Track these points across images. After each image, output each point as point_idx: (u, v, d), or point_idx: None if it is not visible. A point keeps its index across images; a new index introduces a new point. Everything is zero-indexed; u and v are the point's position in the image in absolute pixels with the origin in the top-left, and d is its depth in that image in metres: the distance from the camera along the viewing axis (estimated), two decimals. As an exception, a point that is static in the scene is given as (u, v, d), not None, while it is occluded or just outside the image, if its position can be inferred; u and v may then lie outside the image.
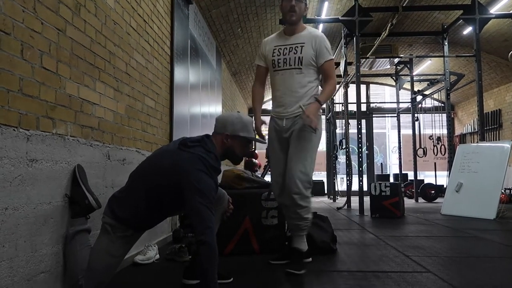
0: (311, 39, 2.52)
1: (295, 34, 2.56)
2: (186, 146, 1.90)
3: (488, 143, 6.15)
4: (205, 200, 1.75)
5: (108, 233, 1.86)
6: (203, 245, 1.71)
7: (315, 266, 2.57)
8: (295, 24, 2.55)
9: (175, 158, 1.86)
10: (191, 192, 1.75)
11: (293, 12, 2.48)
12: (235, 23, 6.83)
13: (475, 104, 6.68)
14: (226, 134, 1.98)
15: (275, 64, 2.54)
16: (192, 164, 1.81)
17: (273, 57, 2.55)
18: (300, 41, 2.52)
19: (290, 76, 2.51)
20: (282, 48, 2.54)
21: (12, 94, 1.53)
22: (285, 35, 2.59)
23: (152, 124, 3.24)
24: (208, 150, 1.90)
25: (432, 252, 2.94)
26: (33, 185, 1.64)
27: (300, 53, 2.49)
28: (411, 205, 7.31)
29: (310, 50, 2.50)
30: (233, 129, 1.98)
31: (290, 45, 2.53)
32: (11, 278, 1.51)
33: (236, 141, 2.00)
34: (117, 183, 2.44)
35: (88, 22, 2.16)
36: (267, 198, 2.99)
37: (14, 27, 1.55)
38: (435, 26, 7.82)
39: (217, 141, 1.98)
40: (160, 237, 3.24)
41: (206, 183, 1.79)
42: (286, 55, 2.52)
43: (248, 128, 2.03)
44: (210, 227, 1.74)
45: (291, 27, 2.56)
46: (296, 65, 2.50)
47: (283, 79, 2.53)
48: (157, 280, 2.28)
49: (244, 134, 2.00)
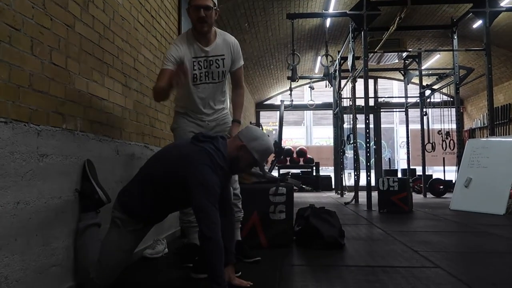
0: (228, 48, 2.41)
1: (211, 44, 2.36)
2: (197, 140, 1.92)
3: (498, 138, 6.09)
4: (209, 195, 1.77)
5: (118, 227, 1.89)
6: (208, 240, 1.73)
7: (323, 261, 2.58)
8: (208, 33, 2.33)
9: (183, 150, 1.90)
10: (195, 185, 1.77)
11: (203, 23, 2.26)
12: (242, 18, 6.81)
13: (485, 98, 6.62)
14: (244, 145, 1.94)
15: (196, 78, 2.35)
16: (199, 157, 1.83)
17: (194, 71, 2.34)
18: (219, 53, 2.39)
19: (212, 88, 2.41)
20: (202, 61, 2.35)
21: (22, 90, 1.54)
22: (200, 44, 2.34)
23: (160, 119, 3.25)
24: (218, 149, 1.90)
25: (441, 247, 2.93)
26: (44, 179, 1.66)
27: (223, 67, 2.40)
28: (419, 200, 7.28)
29: (229, 61, 2.42)
30: (253, 147, 1.94)
31: (210, 57, 2.36)
32: (23, 271, 1.53)
33: (247, 156, 1.95)
34: (126, 177, 2.46)
35: (97, 17, 2.17)
36: (275, 193, 2.99)
37: (24, 23, 1.56)
38: (444, 20, 7.73)
39: (232, 146, 1.96)
40: (168, 231, 3.26)
41: (210, 177, 1.80)
42: (207, 68, 2.37)
43: (264, 155, 1.99)
44: (214, 222, 1.75)
45: (204, 36, 2.33)
46: (219, 79, 2.41)
47: (204, 91, 2.39)
48: (166, 274, 2.30)
49: (257, 158, 1.96)
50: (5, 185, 1.43)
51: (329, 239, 2.91)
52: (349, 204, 6.44)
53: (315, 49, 9.87)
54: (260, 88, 12.00)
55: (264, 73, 10.76)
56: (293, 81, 7.37)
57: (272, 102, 13.57)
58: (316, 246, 2.89)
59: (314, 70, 11.58)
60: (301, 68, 10.75)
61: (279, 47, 9.11)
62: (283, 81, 11.82)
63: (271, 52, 9.30)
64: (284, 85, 12.27)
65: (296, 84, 10.62)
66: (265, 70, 10.56)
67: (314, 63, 11.05)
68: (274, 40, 8.58)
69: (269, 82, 11.78)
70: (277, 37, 8.44)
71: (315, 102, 9.56)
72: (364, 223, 4.31)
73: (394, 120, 14.48)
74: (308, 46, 9.62)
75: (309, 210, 3.14)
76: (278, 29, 7.99)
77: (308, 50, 9.92)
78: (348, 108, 7.98)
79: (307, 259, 2.65)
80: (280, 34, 8.28)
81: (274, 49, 9.12)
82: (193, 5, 2.26)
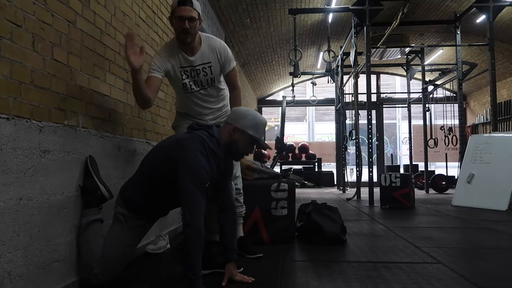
0: (214, 54, 2.35)
1: (196, 53, 2.31)
2: (192, 128, 1.96)
3: (501, 134, 6.06)
4: (195, 180, 1.74)
5: (121, 223, 1.90)
6: (188, 227, 1.70)
7: (325, 256, 2.58)
8: (191, 43, 2.27)
9: (178, 137, 1.96)
10: (183, 169, 1.75)
11: (187, 34, 2.19)
12: (244, 14, 6.79)
13: (488, 94, 6.58)
14: (236, 126, 1.93)
15: (187, 87, 2.34)
16: (190, 142, 1.83)
17: (183, 80, 2.32)
18: (206, 61, 2.33)
19: (205, 92, 2.40)
20: (189, 70, 2.31)
21: (24, 86, 1.54)
22: (185, 53, 2.29)
23: (162, 115, 3.25)
24: (211, 135, 1.90)
25: (443, 243, 2.93)
26: (46, 175, 1.66)
27: (211, 74, 2.36)
28: (421, 196, 7.27)
29: (217, 67, 2.37)
30: (244, 124, 1.93)
31: (196, 66, 2.32)
32: (26, 267, 1.54)
33: (242, 137, 1.93)
34: (128, 174, 2.46)
35: (98, 13, 2.16)
36: (277, 189, 3.00)
37: (25, 19, 1.56)
38: (447, 15, 7.68)
39: (225, 132, 1.96)
40: (170, 227, 3.27)
41: (200, 162, 1.78)
42: (195, 77, 2.33)
43: (258, 128, 1.96)
44: (197, 209, 1.72)
45: (188, 46, 2.27)
46: (209, 84, 2.39)
47: (198, 97, 2.39)
48: (167, 270, 2.31)
49: (252, 133, 1.94)
50: (8, 181, 1.44)
51: (331, 235, 2.91)
52: (351, 200, 6.44)
53: (317, 44, 9.83)
54: (262, 84, 11.97)
55: (266, 69, 10.73)
56: (295, 76, 7.35)
57: (274, 98, 13.54)
58: (318, 242, 2.90)
59: (316, 65, 11.53)
60: (303, 63, 10.72)
61: (281, 43, 9.08)
62: (285, 77, 11.79)
63: (273, 48, 9.27)
64: (286, 81, 12.24)
65: (298, 80, 10.62)
66: (267, 66, 10.53)
67: (316, 58, 11.01)
68: (276, 36, 8.55)
69: (271, 78, 11.75)
70: (279, 33, 8.41)
71: (317, 98, 9.52)
72: (366, 219, 4.31)
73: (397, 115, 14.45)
74: (310, 42, 9.58)
75: (311, 206, 3.14)
76: (280, 24, 7.96)
77: (310, 46, 9.88)
78: (351, 103, 7.96)
79: (309, 254, 2.65)
80: (282, 29, 8.25)
81: (276, 44, 9.09)
82: (177, 16, 2.18)
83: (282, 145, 6.41)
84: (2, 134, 1.41)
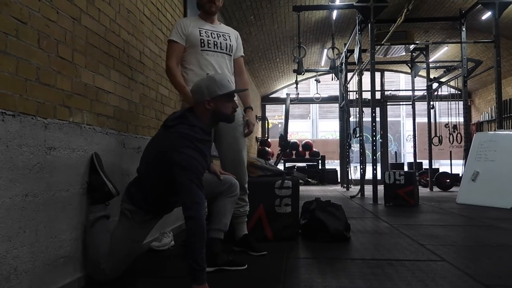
0: (233, 32, 2.61)
1: (216, 23, 2.55)
2: (168, 127, 1.91)
3: (506, 131, 6.02)
4: (192, 176, 1.77)
5: (128, 218, 1.93)
6: (190, 220, 1.74)
7: (329, 254, 2.58)
8: (214, 14, 2.53)
9: (161, 143, 1.90)
10: (179, 170, 1.78)
11: (213, 3, 2.45)
12: (248, 11, 6.78)
13: (493, 91, 6.54)
14: (207, 99, 1.94)
15: (204, 43, 2.44)
16: (177, 145, 1.82)
17: (201, 36, 2.44)
18: (225, 31, 2.57)
19: (222, 59, 2.50)
20: (209, 32, 2.48)
21: (30, 83, 1.55)
22: (206, 21, 2.51)
23: (166, 112, 3.25)
24: (192, 125, 1.89)
25: (447, 241, 2.92)
26: (52, 172, 1.67)
27: (230, 41, 2.54)
28: (425, 194, 7.25)
29: (234, 42, 2.59)
30: (210, 91, 1.94)
31: (217, 31, 2.51)
32: (32, 263, 1.55)
33: (218, 101, 1.96)
34: (132, 171, 2.47)
35: (103, 10, 2.17)
36: (281, 186, 3.00)
37: (31, 16, 1.56)
38: (452, 12, 7.63)
39: (201, 110, 1.95)
40: (174, 224, 3.28)
41: (192, 160, 1.80)
42: (215, 39, 2.48)
43: (223, 84, 1.98)
44: (197, 202, 1.76)
45: (210, 16, 2.52)
46: (227, 51, 2.53)
47: (215, 60, 2.47)
48: (172, 266, 2.32)
49: (223, 91, 1.96)
50: (14, 178, 1.45)
51: (335, 232, 2.91)
52: (354, 198, 6.43)
53: (321, 41, 9.80)
54: (266, 81, 11.96)
55: (270, 66, 10.71)
56: (299, 74, 7.34)
57: (278, 95, 13.53)
58: (322, 239, 2.90)
59: (320, 63, 11.51)
60: (307, 61, 10.69)
61: (285, 40, 9.06)
62: (289, 74, 11.77)
63: (277, 45, 9.25)
64: (290, 78, 12.22)
65: (302, 77, 10.57)
66: (271, 63, 10.51)
67: (320, 56, 10.98)
68: (280, 33, 8.53)
69: (274, 75, 11.74)
70: (283, 30, 8.39)
71: (321, 95, 9.51)
72: (370, 217, 4.30)
73: (401, 113, 14.40)
74: (314, 39, 9.55)
75: (315, 204, 3.14)
76: (284, 21, 7.94)
77: (314, 43, 9.85)
78: (354, 101, 7.94)
79: (313, 252, 2.66)
80: (286, 26, 8.23)
81: (280, 42, 9.07)
82: None
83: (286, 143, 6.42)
84: (8, 131, 1.42)
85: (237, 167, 2.51)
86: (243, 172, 2.56)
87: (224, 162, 2.53)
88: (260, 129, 12.69)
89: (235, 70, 2.63)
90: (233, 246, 2.59)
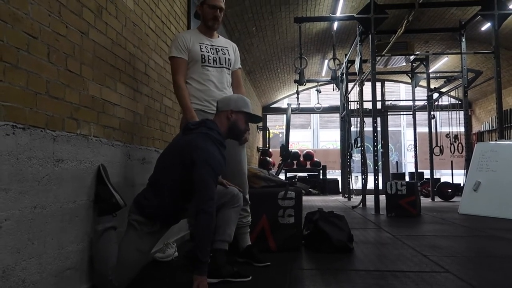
0: (230, 45, 2.70)
1: (214, 37, 2.63)
2: (189, 129, 2.06)
3: (507, 142, 6.04)
4: (211, 172, 1.90)
5: (136, 230, 1.95)
6: (204, 214, 1.84)
7: (333, 265, 2.58)
8: (215, 30, 2.63)
9: (186, 138, 2.03)
10: (200, 161, 1.90)
11: (216, 21, 2.55)
12: (249, 22, 6.85)
13: (493, 101, 6.58)
14: (231, 110, 2.16)
15: (205, 59, 2.51)
16: (201, 141, 1.96)
17: (202, 52, 2.51)
18: (224, 45, 2.65)
19: (222, 73, 2.58)
20: (209, 47, 2.56)
21: (39, 96, 1.58)
22: (205, 36, 2.59)
23: (170, 123, 3.28)
24: (211, 128, 2.06)
25: (450, 252, 2.92)
26: (59, 184, 1.69)
27: (229, 55, 2.63)
28: (427, 204, 7.24)
29: (232, 55, 2.67)
30: (237, 105, 2.18)
31: (216, 46, 2.59)
32: (40, 274, 1.56)
33: (239, 115, 2.18)
34: (137, 182, 2.49)
35: (110, 24, 2.21)
36: (284, 197, 3.01)
37: (41, 31, 1.60)
38: (452, 23, 7.71)
39: (221, 120, 2.15)
40: (178, 235, 3.28)
41: (215, 156, 1.95)
42: (215, 54, 2.56)
43: (248, 105, 2.22)
44: (212, 198, 1.87)
45: (210, 31, 2.60)
46: (226, 65, 2.61)
47: (215, 74, 2.55)
48: (176, 277, 2.32)
49: (246, 110, 2.20)
50: (23, 190, 1.47)
51: (338, 243, 2.92)
52: (356, 208, 6.43)
53: (322, 52, 9.88)
54: (267, 91, 12.02)
55: (271, 77, 10.78)
56: (301, 84, 7.38)
57: (279, 105, 13.59)
58: (325, 250, 2.90)
59: (321, 73, 11.58)
60: (308, 71, 10.76)
61: (286, 51, 9.13)
62: (290, 85, 11.83)
63: (278, 56, 9.32)
64: (291, 88, 12.29)
65: (303, 87, 10.64)
66: (272, 74, 10.58)
67: (321, 66, 11.06)
68: (282, 44, 8.61)
69: (276, 85, 11.80)
70: (284, 41, 8.46)
71: (322, 105, 9.55)
72: (372, 227, 4.30)
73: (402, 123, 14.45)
74: (315, 50, 9.63)
75: (318, 214, 3.15)
76: (286, 32, 8.02)
77: (315, 54, 9.93)
78: (355, 111, 7.97)
79: (316, 263, 2.66)
80: (287, 37, 8.31)
81: (281, 52, 9.15)
82: (210, 4, 2.50)
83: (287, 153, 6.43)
84: (19, 144, 1.44)
85: (238, 177, 2.52)
86: (244, 182, 2.57)
87: (225, 173, 2.55)
88: (261, 139, 12.71)
89: (233, 82, 2.70)
90: (237, 257, 2.59)
